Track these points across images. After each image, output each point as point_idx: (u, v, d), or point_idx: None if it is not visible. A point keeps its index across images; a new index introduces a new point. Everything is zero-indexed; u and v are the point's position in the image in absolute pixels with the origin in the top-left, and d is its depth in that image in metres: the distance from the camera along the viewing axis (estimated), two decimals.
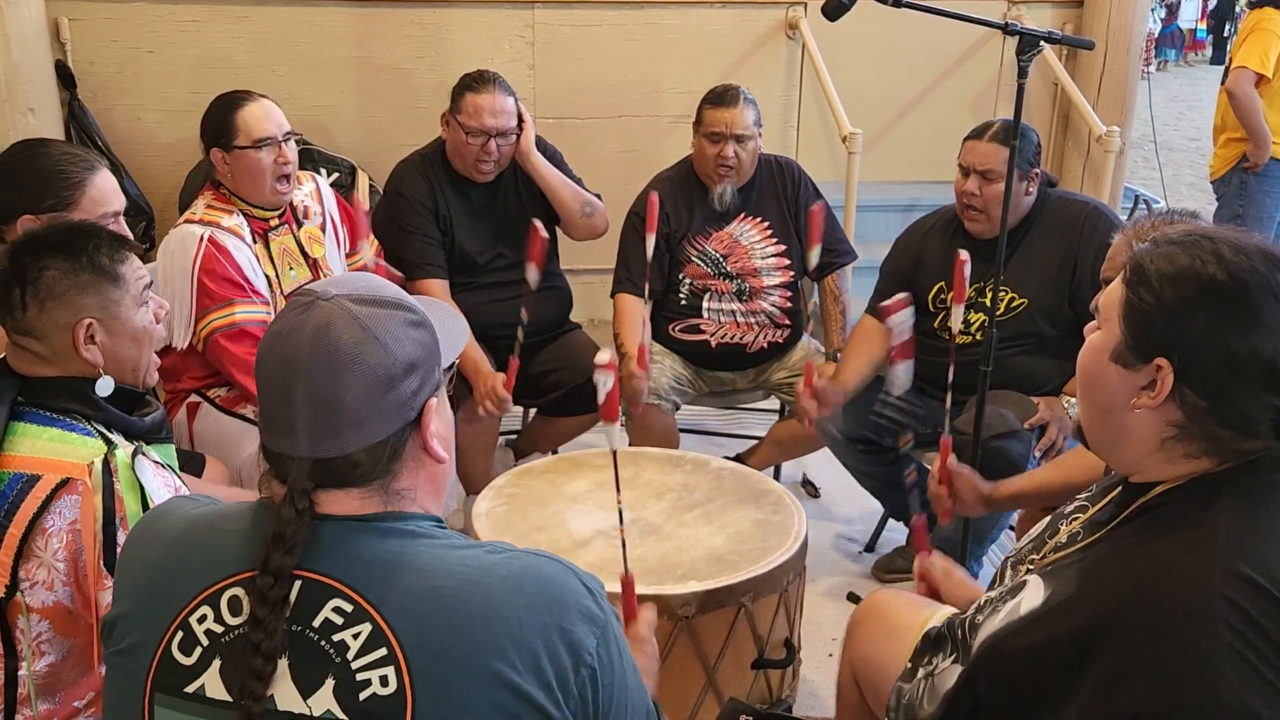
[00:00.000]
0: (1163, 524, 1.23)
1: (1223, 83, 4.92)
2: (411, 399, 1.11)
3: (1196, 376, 1.19)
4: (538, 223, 2.59)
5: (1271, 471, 1.21)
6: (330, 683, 1.03)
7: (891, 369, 2.24)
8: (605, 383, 1.59)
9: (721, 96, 3.09)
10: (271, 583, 1.03)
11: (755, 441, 3.50)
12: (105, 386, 1.59)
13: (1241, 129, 4.68)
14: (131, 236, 2.13)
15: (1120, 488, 1.34)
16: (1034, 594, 1.29)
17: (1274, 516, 1.19)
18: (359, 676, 1.02)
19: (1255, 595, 1.11)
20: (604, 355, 1.60)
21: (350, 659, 1.03)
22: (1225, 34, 16.42)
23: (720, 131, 3.06)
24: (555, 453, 3.30)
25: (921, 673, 1.51)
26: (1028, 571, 1.38)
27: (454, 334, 1.26)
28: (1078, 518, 1.39)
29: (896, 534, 3.27)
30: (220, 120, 2.56)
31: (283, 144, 2.58)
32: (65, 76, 3.88)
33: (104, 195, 2.06)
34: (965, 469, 2.21)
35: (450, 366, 1.23)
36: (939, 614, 1.66)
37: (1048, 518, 1.49)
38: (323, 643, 1.03)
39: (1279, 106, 4.72)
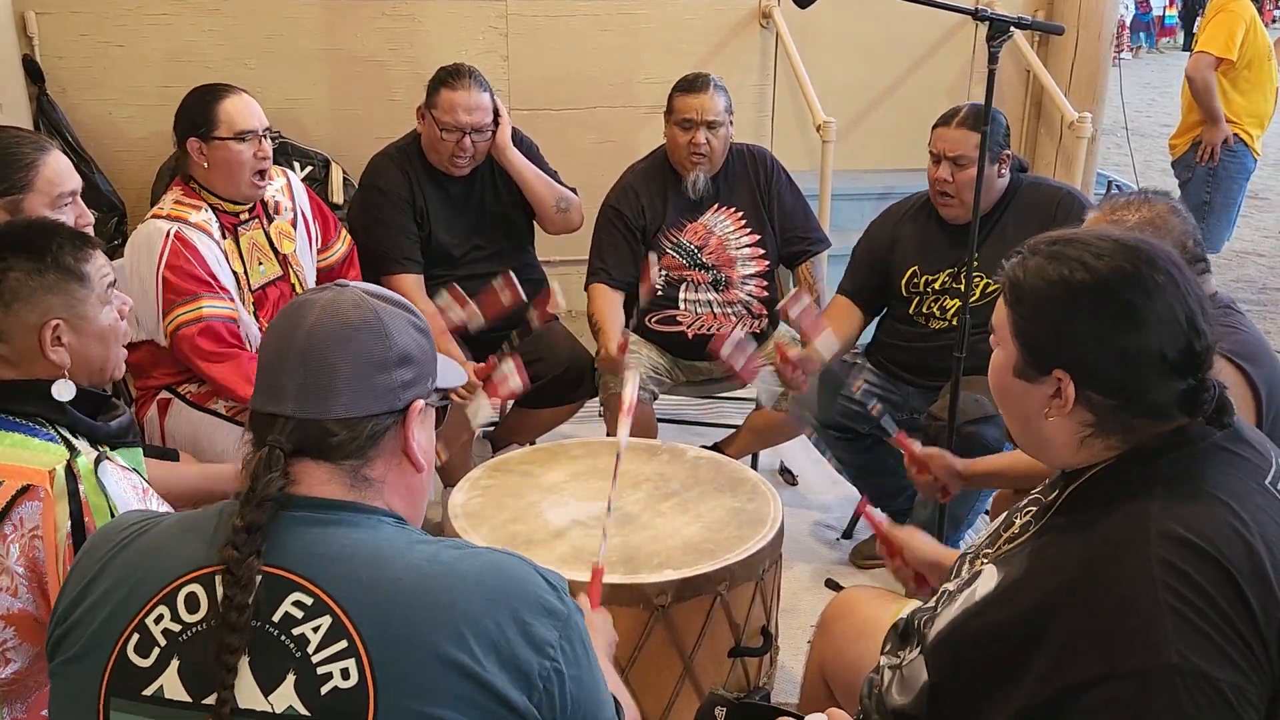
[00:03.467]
0: (1101, 500, 1.26)
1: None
2: (401, 389, 1.14)
3: (1096, 381, 1.25)
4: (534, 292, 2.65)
5: (1199, 440, 1.26)
6: (291, 678, 1.02)
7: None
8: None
9: (692, 84, 3.10)
10: (244, 537, 1.04)
11: (733, 430, 3.52)
12: (64, 391, 1.55)
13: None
14: (91, 216, 2.11)
15: (1062, 475, 1.38)
16: (988, 581, 1.32)
17: (1205, 481, 1.23)
18: (320, 670, 1.02)
19: (1191, 555, 1.14)
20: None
21: (311, 653, 1.02)
22: (1195, 20, 16.52)
23: (691, 118, 3.06)
24: (533, 444, 3.30)
25: (891, 663, 1.53)
26: (983, 562, 1.41)
27: (448, 375, 1.28)
28: (1031, 510, 1.42)
29: None
30: (200, 110, 2.54)
31: (262, 138, 2.58)
32: (33, 71, 3.84)
33: (58, 175, 2.03)
34: (934, 450, 2.23)
35: (443, 398, 1.26)
36: (907, 607, 1.68)
37: (1004, 513, 1.52)
38: (283, 638, 1.03)
39: (1244, 89, 4.77)
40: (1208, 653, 1.10)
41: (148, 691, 1.05)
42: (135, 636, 1.06)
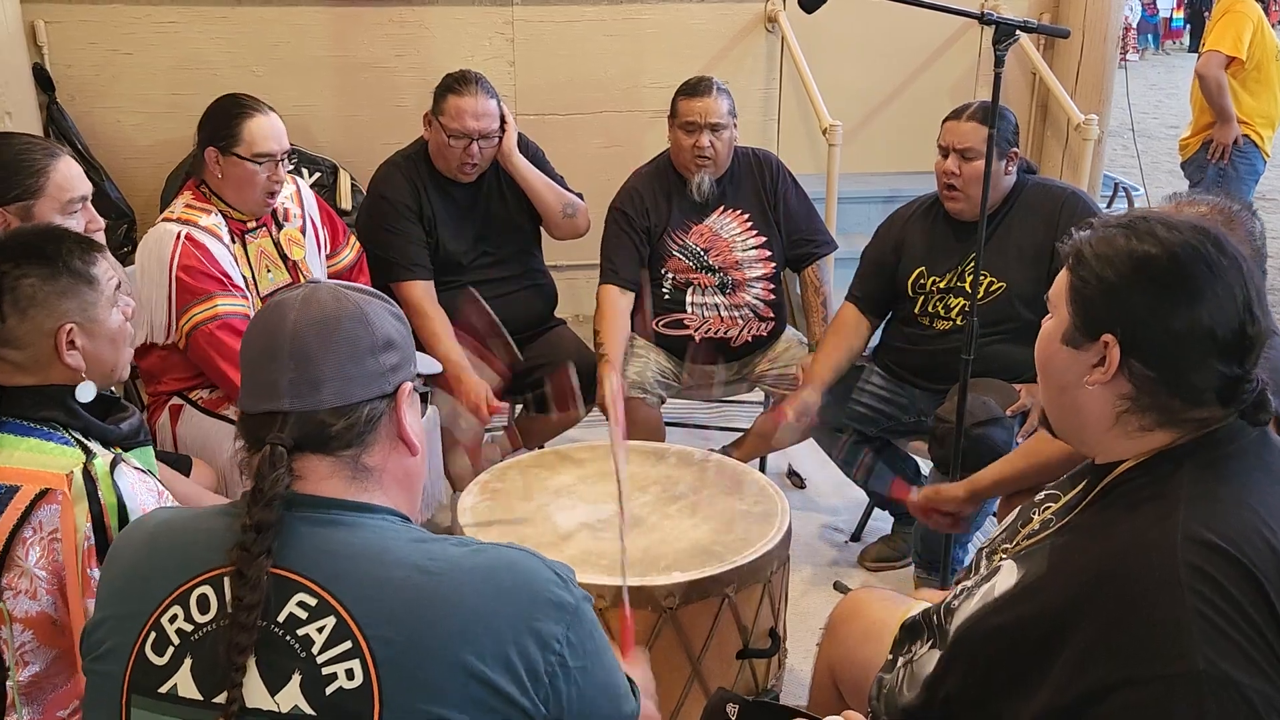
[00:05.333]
0: (1127, 500, 1.25)
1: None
2: (389, 373, 1.16)
3: (1142, 349, 1.24)
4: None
5: (1228, 443, 1.25)
6: (297, 678, 1.03)
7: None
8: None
9: (695, 87, 3.11)
10: (254, 537, 1.05)
11: (740, 433, 3.52)
12: (86, 392, 1.58)
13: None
14: (101, 221, 2.12)
15: (1088, 473, 1.37)
16: (1007, 577, 1.31)
17: (1233, 485, 1.22)
18: (325, 671, 1.03)
19: (1220, 560, 1.13)
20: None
21: (315, 653, 1.03)
22: (1203, 22, 16.47)
23: (695, 121, 3.07)
24: (541, 448, 3.31)
25: (901, 661, 1.52)
26: (1001, 558, 1.40)
27: (427, 362, 1.31)
28: (1049, 505, 1.41)
29: (882, 523, 3.29)
30: (226, 123, 2.56)
31: (278, 163, 2.59)
32: (43, 79, 3.87)
33: (68, 180, 2.05)
34: (928, 491, 2.24)
35: (427, 383, 1.27)
36: (916, 608, 1.68)
37: (1019, 507, 1.51)
38: (288, 638, 1.04)
39: (1253, 89, 4.77)
40: (1235, 659, 1.09)
41: (163, 689, 1.06)
42: (152, 635, 1.08)
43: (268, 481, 1.08)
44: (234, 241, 2.60)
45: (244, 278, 2.58)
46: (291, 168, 2.73)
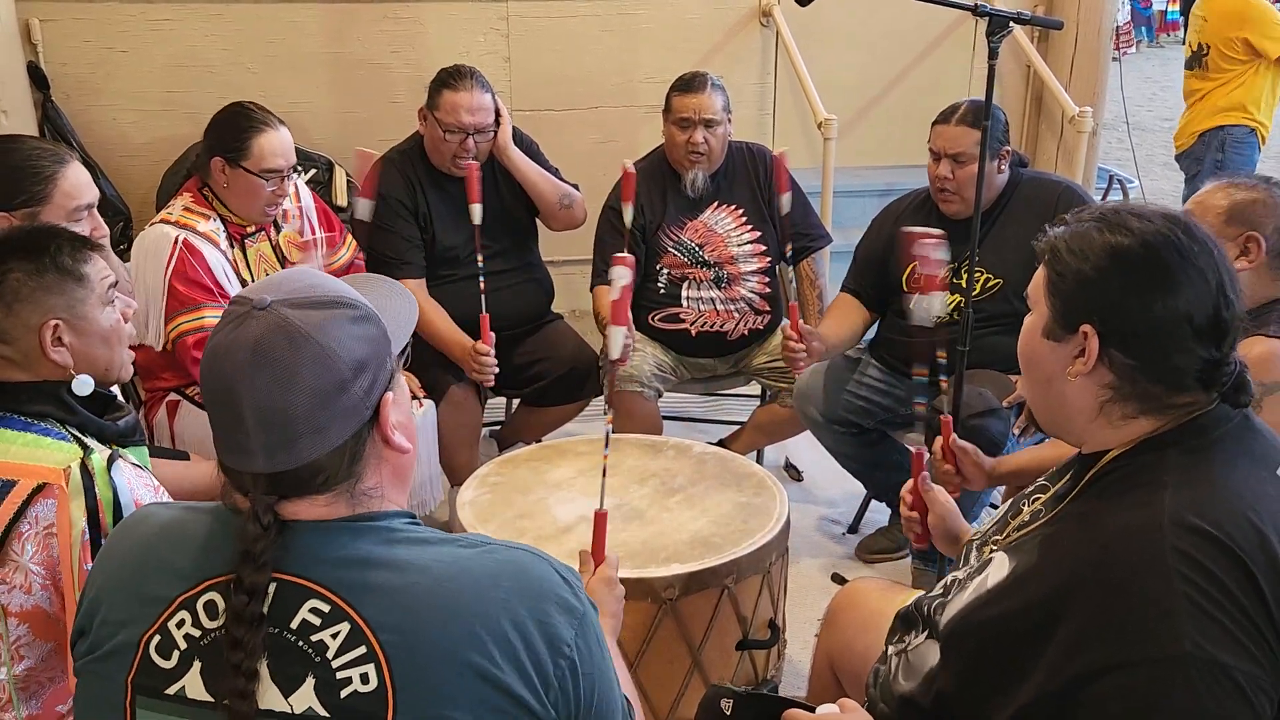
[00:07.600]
0: (1115, 488, 1.27)
1: (1187, 66, 4.97)
2: (365, 398, 1.08)
3: (1121, 337, 1.27)
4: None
5: (1213, 429, 1.27)
6: (311, 681, 1.02)
7: (917, 297, 2.18)
8: (621, 278, 1.53)
9: (689, 83, 3.11)
10: (246, 601, 1.02)
11: (738, 427, 3.53)
12: (84, 385, 1.58)
13: (1218, 103, 4.76)
14: (106, 229, 2.12)
15: (1075, 464, 1.38)
16: (999, 569, 1.32)
17: (1218, 470, 1.23)
18: (339, 675, 1.02)
19: (1206, 544, 1.14)
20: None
21: (330, 658, 1.02)
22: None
23: (689, 117, 3.08)
24: (539, 441, 3.31)
25: (893, 650, 1.54)
26: (992, 550, 1.41)
27: (402, 314, 1.24)
28: (1039, 497, 1.43)
29: (879, 515, 3.30)
30: (235, 135, 2.57)
31: (284, 177, 2.60)
32: (38, 78, 3.86)
33: (76, 188, 2.04)
34: (969, 445, 2.23)
35: (404, 350, 1.20)
36: (912, 598, 1.69)
37: (1010, 499, 1.52)
38: (301, 643, 1.03)
39: (1249, 81, 4.78)
40: (1223, 642, 1.10)
41: (170, 691, 1.06)
42: (157, 638, 1.07)
43: (258, 544, 1.03)
44: (233, 246, 2.60)
45: (243, 283, 2.59)
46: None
